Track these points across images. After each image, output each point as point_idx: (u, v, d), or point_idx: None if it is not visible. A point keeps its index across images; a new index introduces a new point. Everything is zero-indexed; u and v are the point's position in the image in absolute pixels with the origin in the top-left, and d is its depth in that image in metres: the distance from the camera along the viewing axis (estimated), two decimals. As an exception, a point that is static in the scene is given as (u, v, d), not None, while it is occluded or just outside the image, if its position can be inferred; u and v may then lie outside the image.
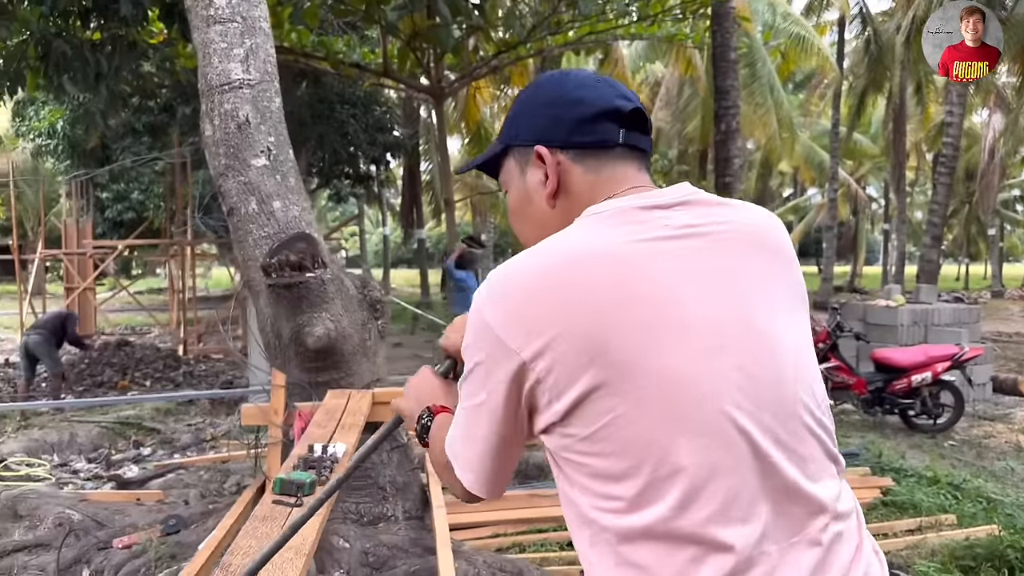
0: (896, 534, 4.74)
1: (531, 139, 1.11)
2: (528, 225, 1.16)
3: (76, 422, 8.05)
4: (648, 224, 1.00)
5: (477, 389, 1.02)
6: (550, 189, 1.10)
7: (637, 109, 1.10)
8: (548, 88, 1.13)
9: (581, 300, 0.93)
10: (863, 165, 34.49)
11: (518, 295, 0.96)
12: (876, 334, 9.34)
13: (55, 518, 3.98)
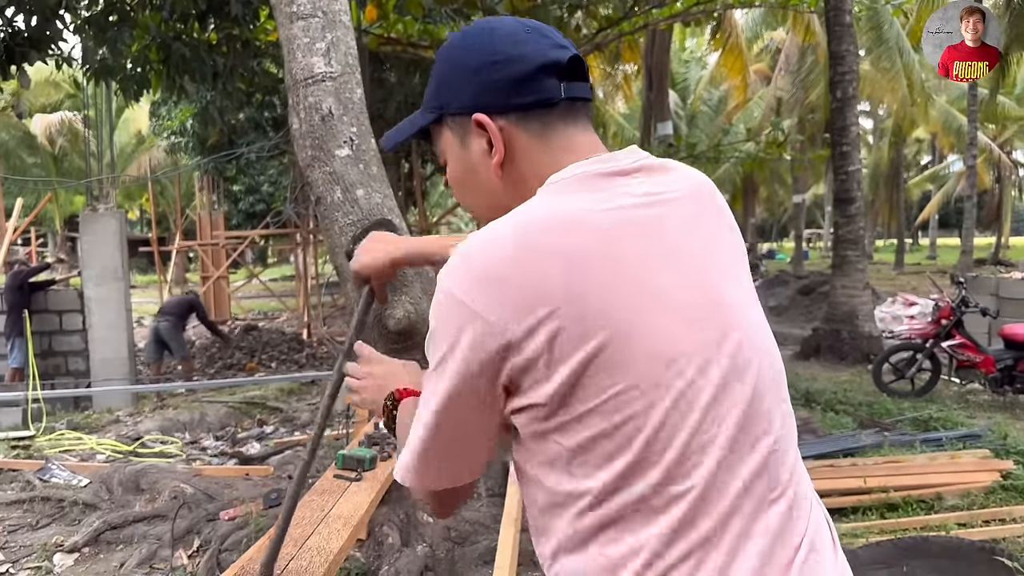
0: (1015, 520, 4.45)
1: (467, 107, 1.02)
2: (477, 197, 1.09)
3: (206, 402, 8.59)
4: (613, 191, 0.96)
5: (446, 375, 0.92)
6: (497, 158, 1.02)
7: (575, 57, 1.02)
8: (476, 47, 1.02)
9: (569, 271, 0.87)
10: (1007, 129, 32.06)
11: (499, 268, 0.88)
12: (1010, 309, 8.75)
13: (171, 491, 4.30)
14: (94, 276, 9.18)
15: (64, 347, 9.41)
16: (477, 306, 0.88)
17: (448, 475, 1.00)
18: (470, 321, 0.88)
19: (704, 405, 0.91)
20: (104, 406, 8.76)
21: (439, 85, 1.06)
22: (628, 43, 15.32)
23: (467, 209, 1.14)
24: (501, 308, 0.87)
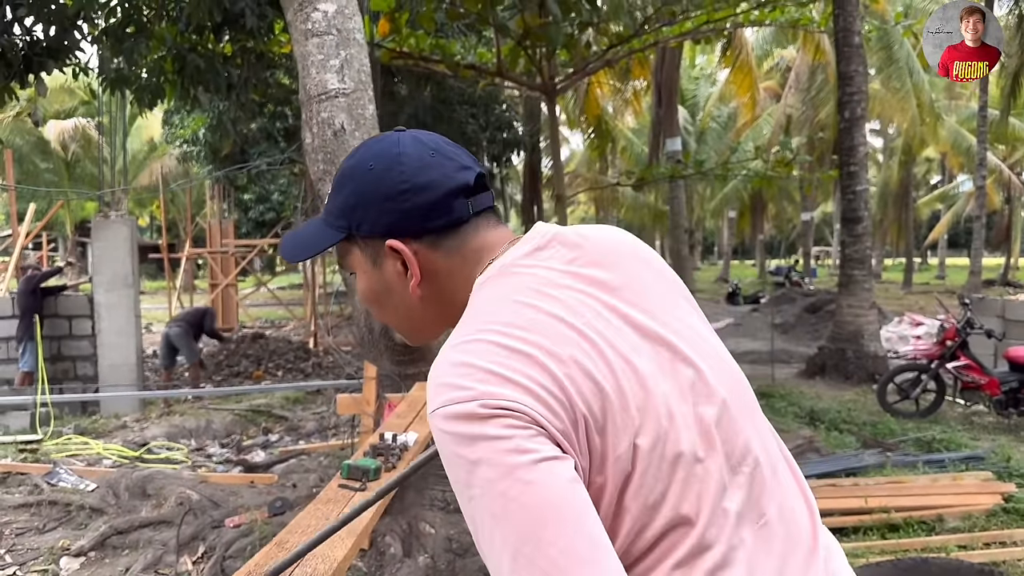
0: (1015, 543, 4.46)
1: (379, 233, 1.04)
2: (392, 313, 1.11)
3: (212, 409, 8.66)
4: (539, 268, 1.01)
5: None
6: (415, 281, 1.04)
7: (479, 175, 1.06)
8: (384, 174, 1.03)
9: (554, 360, 0.89)
10: (1017, 150, 32.04)
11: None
12: (1016, 331, 8.75)
13: (177, 497, 4.35)
14: (105, 282, 9.26)
15: (73, 352, 9.49)
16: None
17: None
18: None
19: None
20: (111, 411, 8.83)
21: (347, 207, 1.05)
22: (638, 59, 15.41)
23: (385, 320, 1.16)
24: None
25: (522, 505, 0.81)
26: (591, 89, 19.05)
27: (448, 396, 0.87)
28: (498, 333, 0.91)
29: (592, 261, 1.03)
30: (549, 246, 1.04)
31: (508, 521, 0.81)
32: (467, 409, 0.85)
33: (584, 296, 0.98)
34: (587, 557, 0.80)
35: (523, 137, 18.12)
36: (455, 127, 14.80)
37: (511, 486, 0.81)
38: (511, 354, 0.88)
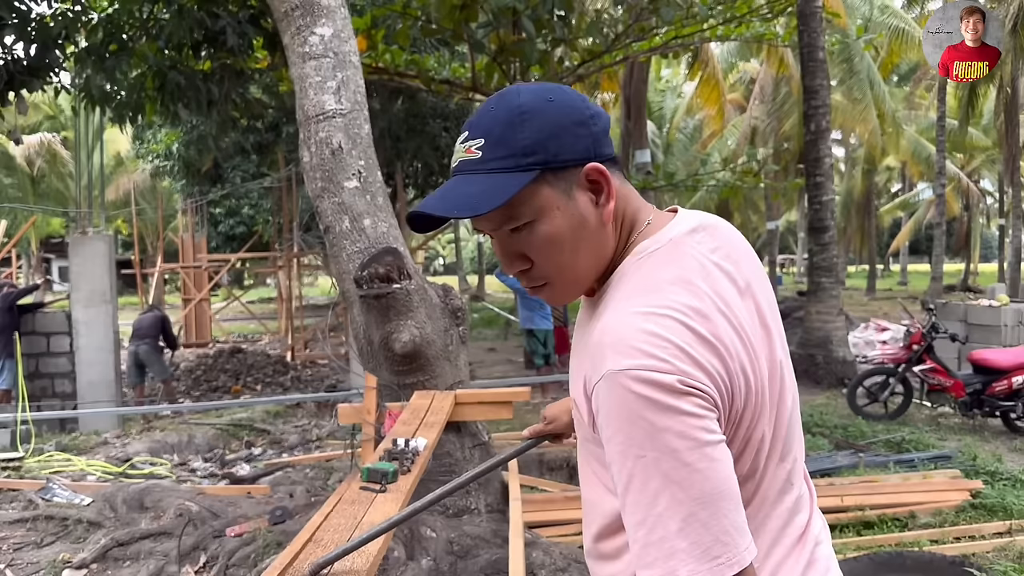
0: (983, 536, 4.69)
1: (579, 158, 1.04)
2: (583, 254, 1.09)
3: (194, 424, 8.67)
4: (697, 252, 1.08)
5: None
6: (612, 206, 1.06)
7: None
8: (569, 103, 1.05)
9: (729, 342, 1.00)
10: (975, 158, 32.95)
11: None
12: (978, 335, 9.08)
13: (176, 509, 4.43)
14: (82, 298, 9.25)
15: (51, 369, 9.45)
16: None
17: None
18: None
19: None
20: (91, 428, 8.80)
21: (540, 140, 1.02)
22: (608, 73, 15.69)
23: (564, 272, 1.10)
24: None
25: (706, 477, 0.91)
26: (561, 102, 19.27)
27: (643, 362, 0.93)
28: (687, 316, 0.98)
29: (727, 255, 1.11)
30: (699, 230, 1.11)
31: (687, 488, 0.91)
32: (666, 380, 0.92)
33: (734, 291, 1.07)
34: (743, 529, 0.94)
35: (494, 150, 18.26)
36: (428, 140, 14.94)
37: (699, 459, 0.91)
38: (700, 341, 0.96)
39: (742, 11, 10.79)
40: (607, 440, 0.97)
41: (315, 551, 1.92)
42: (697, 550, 0.90)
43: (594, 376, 0.98)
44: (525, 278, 1.12)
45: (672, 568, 0.91)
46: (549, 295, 1.13)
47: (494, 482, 4.00)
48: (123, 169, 28.14)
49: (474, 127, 1.07)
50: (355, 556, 1.87)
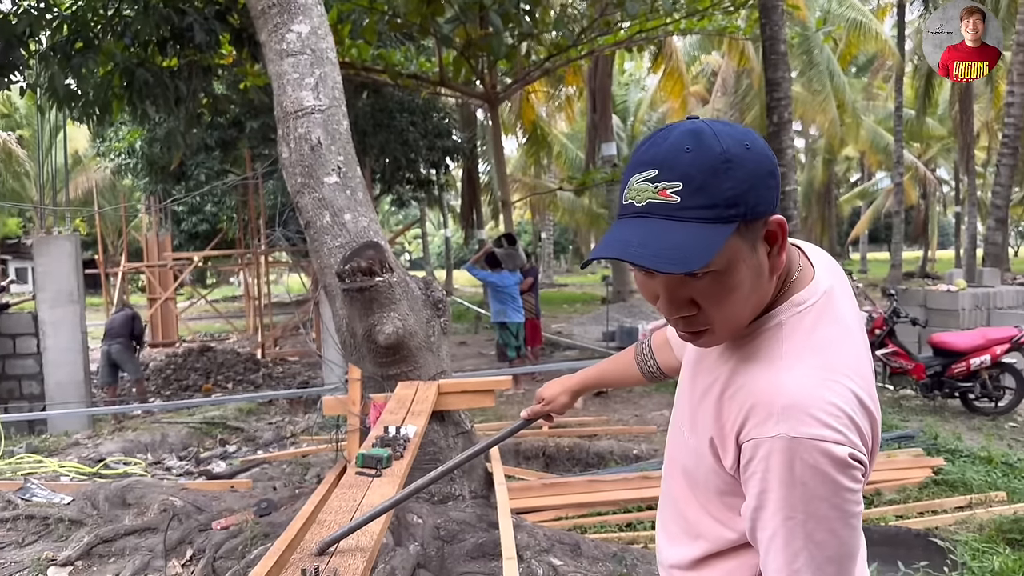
0: (945, 510, 4.88)
1: (768, 209, 1.03)
2: (752, 304, 1.08)
3: (166, 423, 8.63)
4: (846, 304, 1.14)
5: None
6: (783, 258, 1.07)
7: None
8: (762, 153, 1.03)
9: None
10: (931, 147, 33.67)
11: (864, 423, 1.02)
12: (938, 319, 9.35)
13: (160, 504, 4.44)
14: (48, 299, 9.14)
15: (18, 371, 9.33)
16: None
17: None
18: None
19: None
20: (60, 429, 8.72)
21: (742, 191, 1.00)
22: (572, 67, 15.82)
23: (728, 322, 1.08)
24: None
25: (843, 543, 0.99)
26: (525, 96, 19.39)
27: (822, 432, 0.96)
28: (855, 382, 1.02)
29: (851, 302, 1.17)
30: (837, 274, 1.17)
31: (825, 549, 0.99)
32: (840, 454, 0.96)
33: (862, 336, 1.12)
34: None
35: (461, 144, 18.35)
36: (396, 134, 14.95)
37: (842, 527, 0.99)
38: (864, 411, 1.01)
39: (705, 5, 10.97)
40: (757, 493, 1.02)
41: (320, 531, 1.99)
42: None
43: (758, 430, 1.01)
44: (683, 323, 1.09)
45: None
46: (706, 341, 1.11)
47: (478, 469, 4.08)
48: (81, 168, 27.67)
49: (665, 168, 1.01)
50: (359, 535, 1.95)
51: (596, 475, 5.46)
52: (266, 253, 14.91)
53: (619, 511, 4.90)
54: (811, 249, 1.21)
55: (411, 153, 15.97)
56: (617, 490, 5.08)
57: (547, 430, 7.24)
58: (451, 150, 17.45)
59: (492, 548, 3.59)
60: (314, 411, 9.23)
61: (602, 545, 3.75)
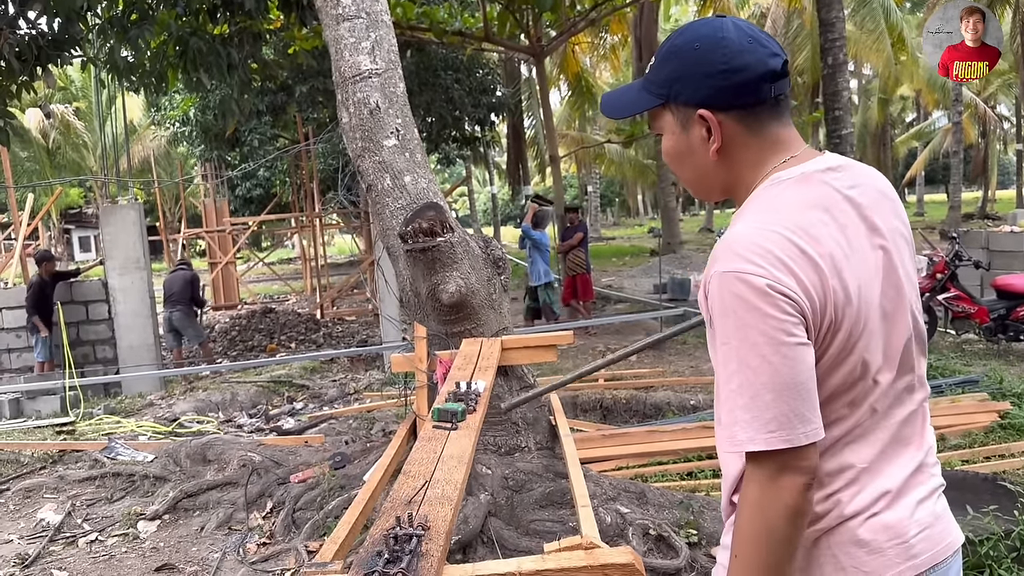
0: (1013, 455, 4.86)
1: (694, 103, 1.25)
2: (687, 171, 1.34)
3: (235, 383, 8.93)
4: (830, 184, 1.24)
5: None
6: (715, 147, 1.26)
7: (785, 62, 1.25)
8: (710, 54, 1.23)
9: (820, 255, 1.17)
10: (992, 83, 32.39)
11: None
12: (1001, 261, 9.15)
13: (239, 460, 4.66)
14: (117, 266, 9.47)
15: (92, 336, 9.73)
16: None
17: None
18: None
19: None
20: (134, 391, 9.10)
21: (670, 79, 1.27)
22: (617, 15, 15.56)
23: (675, 174, 1.40)
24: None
25: (776, 370, 1.11)
26: (570, 48, 19.15)
27: (742, 266, 1.13)
28: (794, 233, 1.16)
29: (864, 194, 1.27)
30: (840, 169, 1.27)
31: (758, 374, 1.12)
32: (757, 284, 1.12)
33: (861, 226, 1.23)
34: (805, 418, 1.13)
35: (506, 100, 18.26)
36: (441, 92, 14.95)
37: (772, 353, 1.11)
38: (802, 255, 1.15)
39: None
40: (708, 324, 1.22)
41: (407, 482, 2.10)
42: (756, 422, 1.12)
43: (707, 273, 1.20)
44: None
45: (734, 431, 1.15)
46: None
47: (541, 421, 4.19)
48: (137, 137, 28.25)
49: (659, 49, 1.34)
50: (444, 484, 2.06)
51: (655, 426, 5.54)
52: (321, 216, 15.15)
53: (679, 460, 4.98)
54: (832, 154, 1.30)
55: (456, 111, 15.97)
56: (677, 440, 5.15)
57: (603, 383, 7.33)
58: (496, 106, 17.39)
59: (559, 497, 3.71)
60: (375, 368, 9.45)
61: (667, 493, 3.84)
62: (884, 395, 1.26)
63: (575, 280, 10.73)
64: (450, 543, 2.05)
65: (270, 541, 4.01)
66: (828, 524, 1.24)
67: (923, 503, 1.28)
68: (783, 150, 1.28)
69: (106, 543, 4.28)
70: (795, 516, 1.14)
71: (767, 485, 1.14)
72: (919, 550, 1.25)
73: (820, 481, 1.22)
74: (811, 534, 1.24)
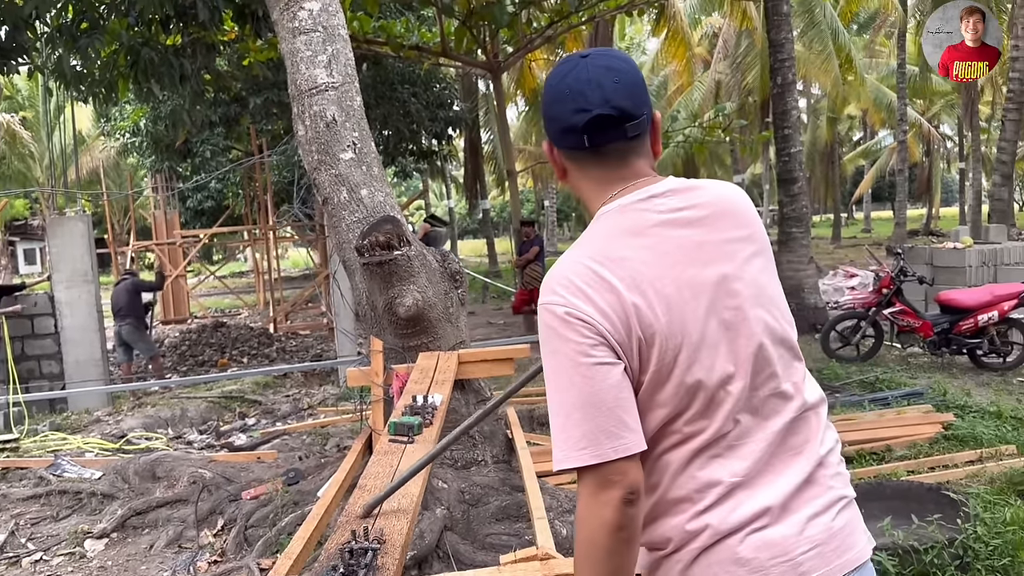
0: (956, 465, 4.98)
1: (551, 140, 1.41)
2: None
3: (184, 399, 8.77)
4: (647, 211, 1.29)
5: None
6: (557, 175, 1.45)
7: (595, 116, 1.28)
8: (544, 97, 1.38)
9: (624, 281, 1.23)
10: (935, 104, 33.41)
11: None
12: (944, 277, 9.40)
13: (189, 476, 4.58)
14: (64, 279, 9.25)
15: (37, 351, 9.46)
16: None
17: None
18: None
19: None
20: (81, 407, 8.87)
21: (545, 119, 1.42)
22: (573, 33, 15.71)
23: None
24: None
25: (580, 390, 1.20)
26: (526, 64, 19.30)
27: (549, 298, 1.25)
28: (597, 262, 1.25)
29: (696, 212, 1.31)
30: (664, 195, 1.32)
31: (565, 395, 1.21)
32: (558, 312, 1.23)
33: (680, 243, 1.27)
34: (613, 434, 1.19)
35: (463, 114, 18.30)
36: (398, 106, 14.92)
37: (574, 375, 1.20)
38: (599, 281, 1.23)
39: (707, -34, 10.89)
40: None
41: (362, 496, 2.09)
42: (569, 441, 1.20)
43: None
44: None
45: (554, 452, 1.23)
46: None
47: (498, 435, 4.20)
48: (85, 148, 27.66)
49: None
50: (399, 497, 2.05)
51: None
52: (274, 228, 14.99)
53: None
54: (668, 180, 1.35)
55: (413, 124, 15.95)
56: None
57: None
58: (453, 120, 17.42)
59: (515, 510, 3.72)
60: (330, 383, 9.36)
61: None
62: (744, 405, 1.27)
63: (532, 293, 10.78)
64: (406, 557, 2.05)
65: (222, 559, 3.94)
66: (704, 542, 1.24)
67: (816, 518, 1.26)
68: (615, 185, 1.35)
69: (51, 563, 4.17)
70: (615, 530, 1.18)
71: (589, 500, 1.19)
72: (808, 568, 1.23)
73: (689, 498, 1.25)
74: (688, 553, 1.25)
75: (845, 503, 1.32)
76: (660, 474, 1.28)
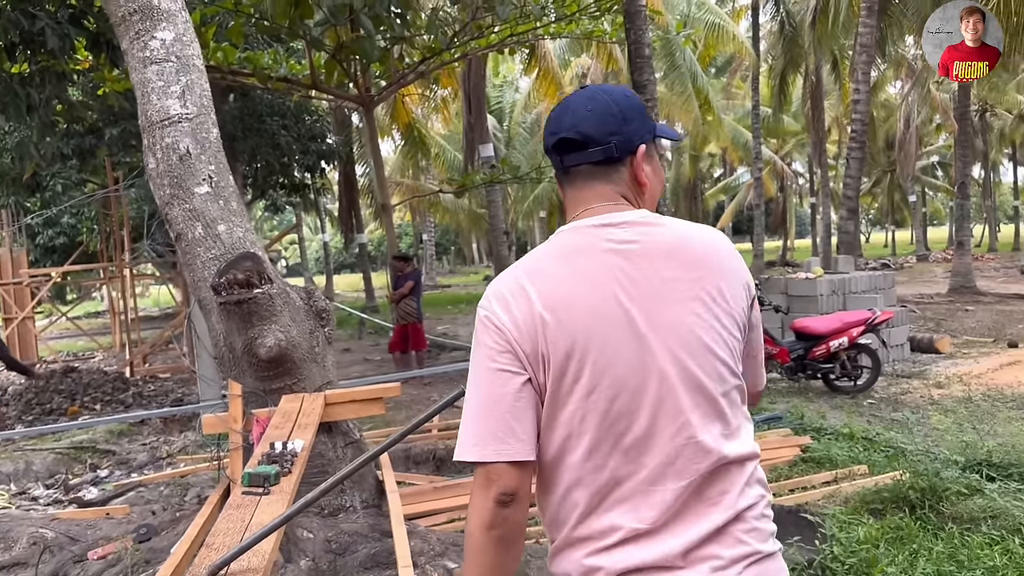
0: (814, 486, 5.19)
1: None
2: None
3: (29, 451, 8.10)
4: (595, 237, 1.33)
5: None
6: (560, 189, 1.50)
7: (561, 139, 1.39)
8: (549, 128, 1.46)
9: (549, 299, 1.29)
10: (787, 143, 35.61)
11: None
12: (798, 305, 9.90)
13: (29, 537, 4.19)
14: None
15: None
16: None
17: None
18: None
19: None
20: (-92, 464, 8.04)
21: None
22: (447, 69, 15.83)
23: None
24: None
25: (480, 392, 1.30)
26: (400, 98, 19.28)
27: (481, 303, 1.35)
28: (524, 274, 1.33)
29: (643, 248, 1.32)
30: (619, 226, 1.35)
31: (474, 392, 1.31)
32: (481, 316, 1.33)
33: (605, 271, 1.30)
34: (499, 437, 1.26)
35: (336, 147, 18.05)
36: (267, 138, 14.55)
37: (481, 377, 1.30)
38: (521, 291, 1.30)
39: (572, 10, 11.22)
40: None
41: (208, 555, 1.95)
42: (465, 436, 1.29)
43: None
44: None
45: (457, 441, 1.31)
46: None
47: (368, 478, 4.06)
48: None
49: None
50: (250, 555, 1.92)
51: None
52: (131, 266, 14.22)
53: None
54: (633, 212, 1.38)
55: (284, 157, 15.59)
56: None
57: (436, 433, 7.25)
58: (326, 154, 17.15)
59: (386, 557, 3.59)
60: (191, 429, 8.88)
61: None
62: (650, 449, 1.26)
63: (406, 329, 10.61)
64: (257, 621, 1.91)
65: (63, 628, 3.61)
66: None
67: (720, 571, 1.24)
68: (580, 206, 1.42)
69: None
70: (486, 527, 1.25)
71: (473, 496, 1.28)
72: None
73: (591, 537, 1.27)
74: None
75: (756, 559, 1.28)
76: (569, 512, 1.30)
